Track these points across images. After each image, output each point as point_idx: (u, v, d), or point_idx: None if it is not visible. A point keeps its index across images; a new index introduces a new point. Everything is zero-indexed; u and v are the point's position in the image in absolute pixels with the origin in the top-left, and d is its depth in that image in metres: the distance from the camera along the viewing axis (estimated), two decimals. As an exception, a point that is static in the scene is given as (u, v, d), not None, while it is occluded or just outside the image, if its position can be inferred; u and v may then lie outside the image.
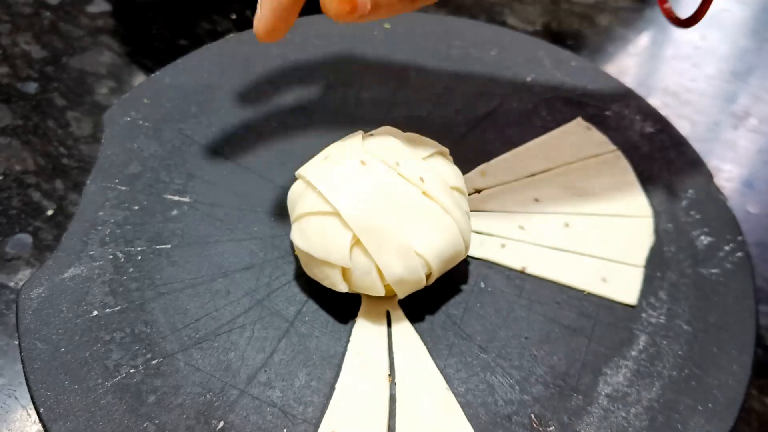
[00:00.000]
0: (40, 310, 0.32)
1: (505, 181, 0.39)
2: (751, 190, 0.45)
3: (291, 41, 0.47)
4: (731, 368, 0.32)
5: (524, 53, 0.48)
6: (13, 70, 0.47)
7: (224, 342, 0.32)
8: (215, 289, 0.34)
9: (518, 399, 0.31)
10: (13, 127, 0.43)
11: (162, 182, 0.38)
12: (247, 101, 0.43)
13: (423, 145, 0.33)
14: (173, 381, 0.30)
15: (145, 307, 0.32)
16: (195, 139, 0.40)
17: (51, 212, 0.39)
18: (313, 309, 0.33)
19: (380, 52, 0.47)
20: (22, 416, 0.31)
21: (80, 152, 0.42)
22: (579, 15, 0.57)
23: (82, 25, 0.51)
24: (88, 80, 0.46)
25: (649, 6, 0.59)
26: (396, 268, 0.30)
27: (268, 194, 0.38)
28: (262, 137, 0.41)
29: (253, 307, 0.33)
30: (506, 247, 0.36)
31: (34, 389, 0.29)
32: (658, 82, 0.52)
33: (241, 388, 0.30)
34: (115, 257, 0.34)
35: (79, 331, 0.31)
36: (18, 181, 0.40)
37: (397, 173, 0.31)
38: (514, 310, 0.34)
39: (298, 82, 0.44)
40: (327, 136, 0.36)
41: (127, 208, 0.36)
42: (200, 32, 0.51)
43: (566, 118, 0.44)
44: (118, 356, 0.31)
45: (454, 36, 0.49)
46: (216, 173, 0.39)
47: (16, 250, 0.37)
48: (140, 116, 0.41)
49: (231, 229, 0.36)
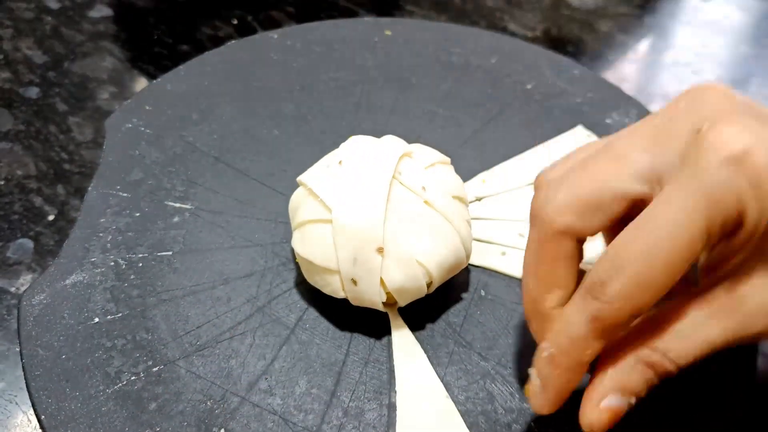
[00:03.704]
0: (41, 317, 0.32)
1: (505, 189, 0.39)
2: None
3: (292, 47, 0.47)
4: (731, 374, 0.32)
5: (525, 61, 0.48)
6: (15, 75, 0.47)
7: (225, 349, 0.32)
8: (216, 296, 0.34)
9: (518, 407, 0.31)
10: (15, 132, 0.43)
11: (163, 189, 0.38)
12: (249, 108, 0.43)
13: (424, 154, 0.33)
14: (174, 388, 0.30)
15: (147, 314, 0.33)
16: (197, 146, 0.40)
17: (52, 217, 0.39)
18: (313, 316, 0.33)
19: (381, 59, 0.47)
20: (22, 422, 0.31)
21: (82, 157, 0.42)
22: (579, 21, 0.57)
23: (83, 31, 0.51)
24: (90, 85, 0.47)
25: (649, 12, 0.59)
26: (397, 277, 0.30)
27: (270, 201, 0.38)
28: (263, 144, 0.41)
29: (254, 315, 0.33)
30: (506, 254, 0.36)
31: (35, 396, 0.29)
32: (659, 88, 0.52)
33: (242, 396, 0.30)
34: (117, 264, 0.34)
35: (81, 338, 0.31)
36: (19, 186, 0.40)
37: (398, 182, 0.31)
38: (514, 318, 0.34)
39: (299, 89, 0.44)
40: (328, 144, 0.36)
41: (129, 215, 0.36)
42: (202, 38, 0.51)
43: (567, 126, 0.44)
44: (119, 363, 0.31)
45: (454, 43, 0.49)
46: (217, 180, 0.39)
47: (18, 256, 0.37)
48: (142, 123, 0.41)
49: (232, 236, 0.36)
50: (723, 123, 0.23)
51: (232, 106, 0.43)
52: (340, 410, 0.30)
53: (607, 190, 0.25)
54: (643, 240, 0.23)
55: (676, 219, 0.22)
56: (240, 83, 0.44)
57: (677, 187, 0.23)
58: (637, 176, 0.25)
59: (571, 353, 0.25)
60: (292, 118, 0.43)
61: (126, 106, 0.42)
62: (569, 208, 0.25)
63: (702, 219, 0.22)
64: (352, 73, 0.46)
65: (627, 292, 0.23)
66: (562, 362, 0.25)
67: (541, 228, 0.26)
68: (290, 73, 0.45)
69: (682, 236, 0.22)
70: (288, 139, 0.41)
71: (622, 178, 0.25)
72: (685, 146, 0.24)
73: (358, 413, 0.30)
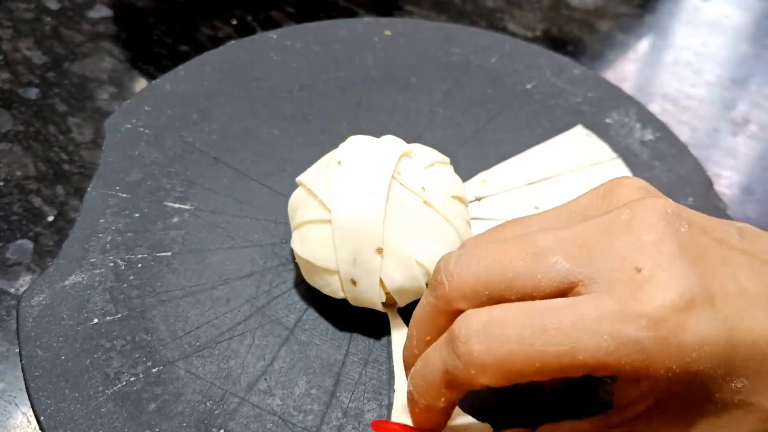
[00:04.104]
0: (40, 318, 0.32)
1: (505, 189, 0.39)
2: (751, 197, 0.45)
3: (291, 47, 0.47)
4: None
5: (525, 60, 0.48)
6: (15, 75, 0.47)
7: (224, 350, 0.32)
8: (216, 297, 0.34)
9: (517, 406, 0.31)
10: (15, 133, 0.43)
11: (163, 190, 0.38)
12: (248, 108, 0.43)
13: (424, 154, 0.33)
14: (174, 389, 0.30)
15: (146, 315, 0.33)
16: (196, 147, 0.40)
17: (52, 218, 0.39)
18: (313, 317, 0.33)
19: (381, 59, 0.47)
20: (22, 423, 0.31)
21: (81, 158, 0.42)
22: (579, 21, 0.57)
23: (83, 31, 0.51)
24: (90, 86, 0.47)
25: (649, 12, 0.59)
26: (396, 277, 0.30)
27: (269, 202, 0.38)
28: (263, 144, 0.41)
29: (254, 315, 0.33)
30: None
31: (34, 397, 0.29)
32: (658, 88, 0.52)
33: (242, 396, 0.30)
34: (116, 265, 0.34)
35: (80, 339, 0.31)
36: (19, 187, 0.40)
37: (398, 182, 0.31)
38: (514, 318, 0.34)
39: (299, 89, 0.44)
40: (327, 144, 0.36)
41: (128, 216, 0.36)
42: (201, 38, 0.51)
43: (566, 126, 0.44)
44: (118, 364, 0.31)
45: (454, 43, 0.49)
46: (217, 181, 0.39)
47: (17, 256, 0.37)
48: (141, 123, 0.41)
49: (231, 236, 0.36)
50: (662, 275, 0.21)
51: (232, 107, 0.43)
52: (339, 411, 0.30)
53: (516, 291, 0.23)
54: (536, 326, 0.21)
55: (577, 328, 0.21)
56: (239, 83, 0.44)
57: (597, 307, 0.21)
58: (549, 288, 0.23)
59: (426, 397, 0.24)
60: (291, 118, 0.43)
61: (125, 107, 0.42)
62: (471, 295, 0.23)
63: (593, 361, 0.21)
64: (351, 73, 0.46)
65: (489, 368, 0.21)
66: (419, 403, 0.25)
67: (437, 302, 0.24)
68: (290, 73, 0.45)
69: (566, 363, 0.21)
70: (287, 140, 0.41)
71: (534, 282, 0.23)
72: (618, 276, 0.22)
73: (358, 414, 0.30)
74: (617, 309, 0.21)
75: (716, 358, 0.21)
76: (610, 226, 0.23)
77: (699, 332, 0.21)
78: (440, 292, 0.24)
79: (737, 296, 0.22)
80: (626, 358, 0.21)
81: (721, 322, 0.21)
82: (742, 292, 0.22)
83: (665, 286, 0.21)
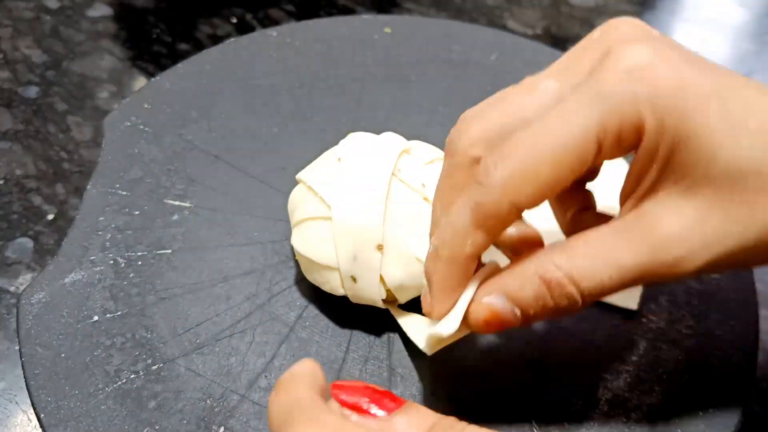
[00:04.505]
0: (40, 316, 0.32)
1: (505, 186, 0.39)
2: (751, 194, 0.44)
3: (291, 45, 0.47)
4: (732, 373, 0.32)
5: (525, 58, 0.48)
6: (14, 74, 0.47)
7: (225, 347, 0.32)
8: (216, 294, 0.34)
9: (518, 403, 0.31)
10: (14, 132, 0.43)
11: (163, 187, 0.38)
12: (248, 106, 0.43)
13: (424, 151, 0.33)
14: (174, 386, 0.30)
15: (146, 312, 0.33)
16: (196, 144, 0.40)
17: (52, 217, 0.39)
18: (313, 314, 0.33)
19: (380, 56, 0.47)
20: (22, 421, 0.31)
21: (81, 156, 0.42)
22: (579, 19, 0.57)
23: (82, 30, 0.51)
24: (89, 85, 0.47)
25: (649, 9, 0.59)
26: (397, 274, 0.30)
27: (269, 199, 0.38)
28: (262, 142, 0.41)
29: (254, 312, 0.33)
30: (507, 251, 0.36)
31: (34, 395, 0.29)
32: (659, 85, 0.52)
33: (242, 394, 0.30)
34: (116, 262, 0.34)
35: (80, 337, 0.31)
36: (19, 186, 0.40)
37: (398, 179, 0.31)
38: (515, 315, 0.34)
39: (298, 86, 0.44)
40: (327, 141, 0.36)
41: (128, 213, 0.36)
42: (201, 37, 0.51)
43: (566, 123, 0.44)
44: (118, 361, 0.31)
45: (454, 40, 0.49)
46: (217, 178, 0.39)
47: (17, 255, 0.37)
48: (141, 121, 0.41)
49: (231, 234, 0.36)
50: (630, 42, 0.23)
51: (231, 104, 0.43)
52: (340, 408, 0.30)
53: (518, 120, 0.25)
54: (533, 132, 0.23)
55: (569, 118, 0.23)
56: (239, 81, 0.44)
57: (575, 95, 0.23)
58: (545, 104, 0.25)
59: (453, 245, 0.24)
60: (291, 115, 0.43)
61: (125, 105, 0.42)
62: (481, 140, 0.26)
63: (595, 123, 0.22)
64: (351, 70, 0.46)
65: (509, 179, 0.23)
66: (444, 254, 0.25)
67: (453, 159, 0.26)
68: (289, 70, 0.45)
69: (572, 134, 0.22)
70: (287, 137, 0.41)
71: (531, 107, 0.25)
72: (591, 68, 0.24)
73: (358, 411, 0.30)
74: (596, 90, 0.23)
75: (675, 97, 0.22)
76: (588, 42, 0.26)
77: (676, 74, 0.22)
78: (454, 146, 0.26)
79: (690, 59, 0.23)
80: (617, 115, 0.22)
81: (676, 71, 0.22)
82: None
83: (629, 53, 0.23)
